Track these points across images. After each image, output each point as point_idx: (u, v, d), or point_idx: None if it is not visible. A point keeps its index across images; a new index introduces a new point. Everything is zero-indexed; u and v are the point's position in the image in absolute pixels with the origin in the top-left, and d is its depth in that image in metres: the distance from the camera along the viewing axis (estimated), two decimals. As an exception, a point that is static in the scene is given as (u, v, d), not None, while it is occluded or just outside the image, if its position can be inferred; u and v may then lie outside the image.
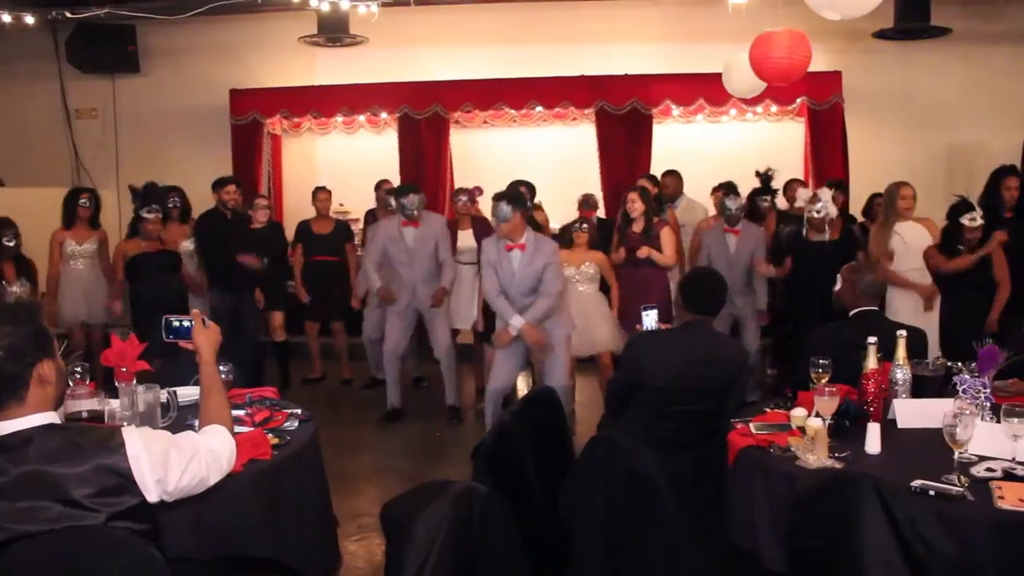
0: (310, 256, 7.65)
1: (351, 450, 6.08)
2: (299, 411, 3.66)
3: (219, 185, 7.29)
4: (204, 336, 2.71)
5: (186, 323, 2.75)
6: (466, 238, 7.02)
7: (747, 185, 7.45)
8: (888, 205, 6.22)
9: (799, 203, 6.76)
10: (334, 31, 8.48)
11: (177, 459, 2.27)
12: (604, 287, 6.47)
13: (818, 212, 6.19)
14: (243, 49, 9.64)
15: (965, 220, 5.65)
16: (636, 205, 6.37)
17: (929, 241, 6.03)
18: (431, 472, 5.55)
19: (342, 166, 9.65)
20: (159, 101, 9.73)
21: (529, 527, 3.01)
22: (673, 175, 8.01)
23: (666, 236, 6.35)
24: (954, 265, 5.73)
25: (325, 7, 7.55)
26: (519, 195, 5.66)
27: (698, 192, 8.07)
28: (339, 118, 9.65)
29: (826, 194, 6.32)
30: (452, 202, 7.67)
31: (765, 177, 7.32)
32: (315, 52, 9.29)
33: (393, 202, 6.89)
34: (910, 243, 6.06)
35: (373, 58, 9.30)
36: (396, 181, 8.42)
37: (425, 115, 9.19)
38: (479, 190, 7.57)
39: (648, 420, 3.67)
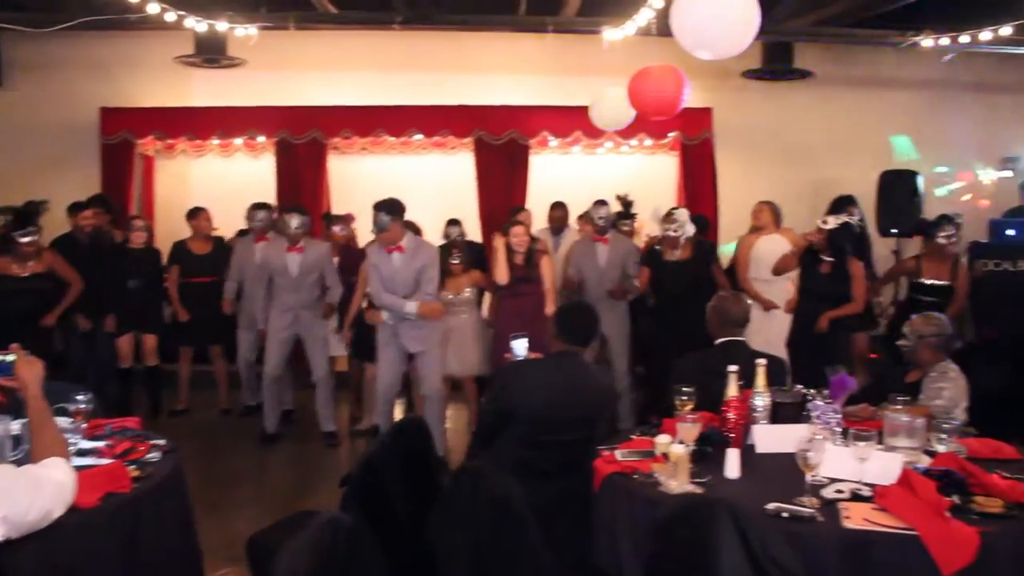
0: (187, 277, 7.46)
1: (223, 481, 5.96)
2: (163, 442, 3.56)
3: (75, 210, 7.09)
4: (28, 370, 2.62)
5: (8, 359, 2.64)
6: None
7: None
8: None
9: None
10: (211, 52, 8.32)
11: (24, 493, 2.18)
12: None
13: (674, 231, 6.52)
14: (115, 66, 9.32)
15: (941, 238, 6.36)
16: (523, 239, 6.51)
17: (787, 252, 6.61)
18: (304, 502, 5.47)
19: (217, 189, 9.36)
20: (24, 117, 9.27)
21: (397, 557, 2.99)
22: (561, 207, 8.16)
23: (546, 265, 6.50)
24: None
25: (202, 28, 7.38)
26: (396, 204, 5.84)
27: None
28: (215, 141, 9.41)
29: (683, 214, 6.65)
30: (326, 229, 7.62)
31: (626, 202, 7.53)
32: (191, 73, 9.07)
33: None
34: (765, 255, 6.77)
35: (251, 81, 9.15)
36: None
37: (303, 140, 9.07)
38: (352, 217, 7.57)
39: (517, 449, 3.69)
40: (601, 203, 6.89)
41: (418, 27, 8.04)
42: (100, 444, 3.43)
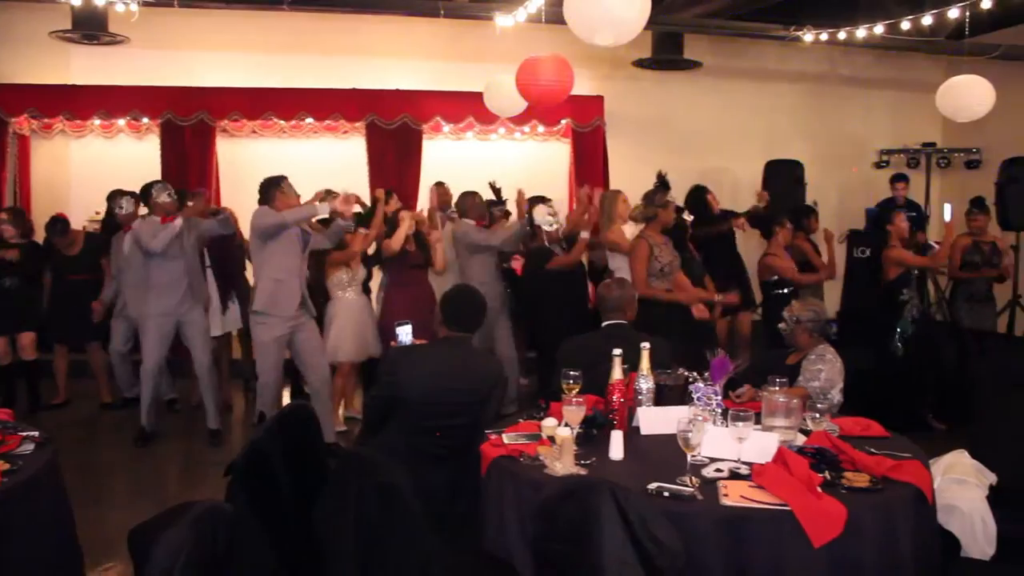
0: (61, 275, 7.16)
1: (105, 474, 5.82)
2: (35, 434, 3.42)
3: None
4: None
5: None
6: None
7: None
8: (611, 208, 6.65)
9: (536, 220, 7.03)
10: (90, 28, 7.97)
11: None
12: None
13: (549, 226, 6.57)
14: (-17, 39, 8.91)
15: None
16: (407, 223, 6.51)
17: None
18: (191, 494, 5.34)
19: (99, 172, 9.03)
20: None
21: (284, 544, 2.96)
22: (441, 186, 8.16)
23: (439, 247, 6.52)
24: None
25: (78, 1, 7.06)
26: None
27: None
28: (96, 121, 9.10)
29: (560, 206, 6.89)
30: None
31: (496, 189, 7.61)
32: (69, 49, 8.71)
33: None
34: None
35: (134, 59, 8.85)
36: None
37: (190, 122, 8.82)
38: (206, 192, 7.40)
39: (406, 435, 3.69)
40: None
41: (307, 8, 7.90)
42: (-33, 438, 3.28)
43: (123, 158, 9.22)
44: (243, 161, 9.25)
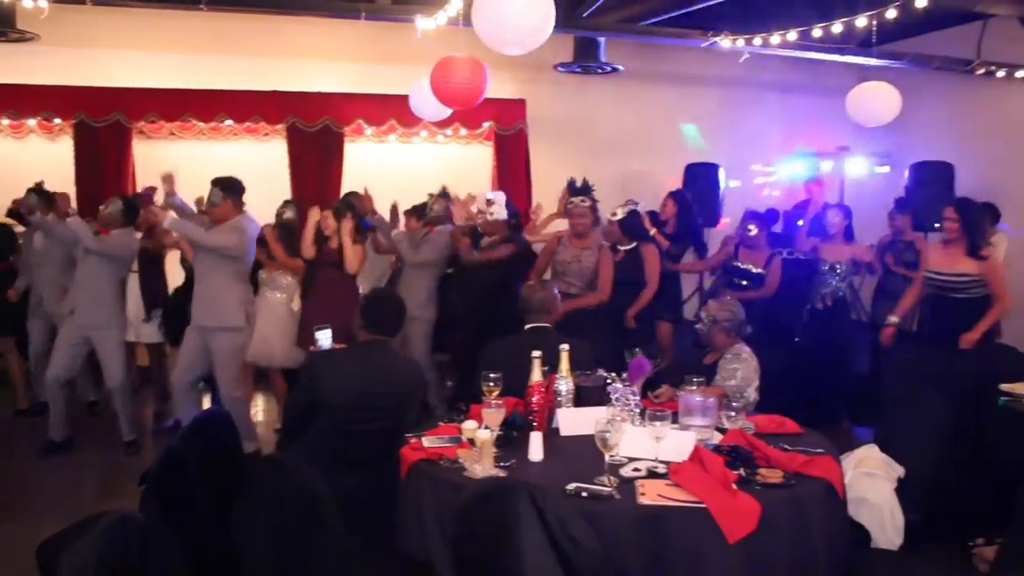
0: None
1: (16, 486, 5.64)
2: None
3: None
4: None
5: None
6: None
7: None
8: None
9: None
10: (-3, 24, 7.73)
11: None
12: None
13: (491, 214, 6.56)
14: None
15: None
16: (329, 222, 6.43)
17: None
18: (107, 505, 5.18)
19: (8, 173, 8.73)
20: None
21: (201, 553, 2.91)
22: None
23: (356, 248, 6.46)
24: None
25: (-17, -3, 6.82)
26: (232, 183, 5.84)
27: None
28: (5, 121, 8.82)
29: (500, 197, 6.74)
30: None
31: (442, 194, 7.61)
32: (-26, 46, 8.44)
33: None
34: None
35: (45, 57, 8.56)
36: (72, 192, 7.90)
37: (105, 123, 8.60)
38: (152, 189, 7.23)
39: (326, 439, 3.66)
40: (439, 195, 6.98)
41: (226, 8, 7.75)
42: None
43: (34, 160, 8.93)
44: (161, 164, 9.00)
